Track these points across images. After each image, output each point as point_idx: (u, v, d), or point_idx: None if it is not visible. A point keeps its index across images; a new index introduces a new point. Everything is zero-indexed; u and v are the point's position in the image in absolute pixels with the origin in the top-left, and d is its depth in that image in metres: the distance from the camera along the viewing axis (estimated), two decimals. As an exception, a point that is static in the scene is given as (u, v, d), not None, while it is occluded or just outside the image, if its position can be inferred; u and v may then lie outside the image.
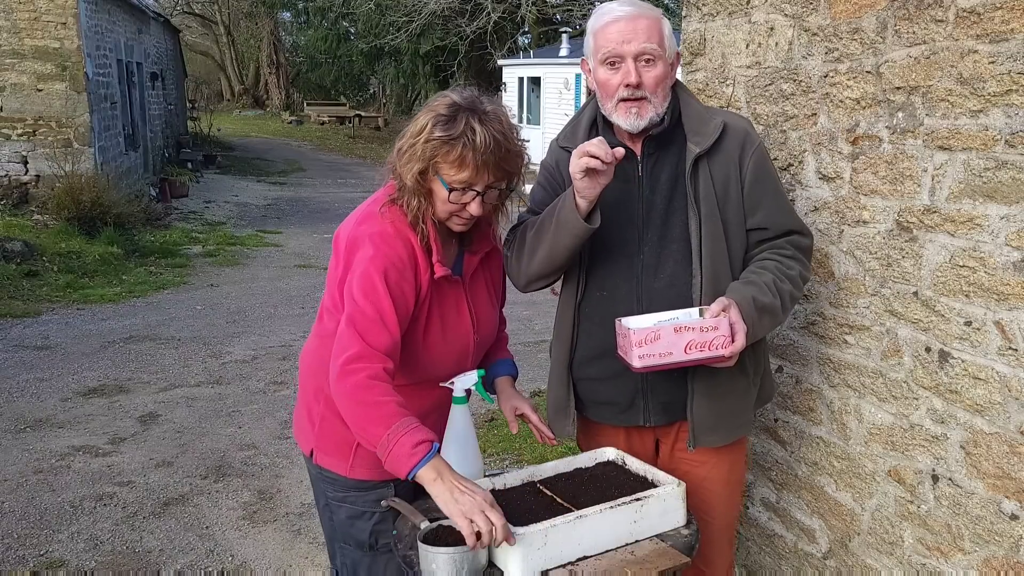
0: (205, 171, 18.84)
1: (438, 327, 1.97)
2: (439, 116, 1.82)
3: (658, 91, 1.95)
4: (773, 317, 1.96)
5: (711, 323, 1.82)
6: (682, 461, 2.13)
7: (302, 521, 3.95)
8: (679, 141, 2.02)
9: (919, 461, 2.19)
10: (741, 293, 1.90)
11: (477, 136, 1.80)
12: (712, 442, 2.07)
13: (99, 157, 11.36)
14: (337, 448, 2.05)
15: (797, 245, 2.06)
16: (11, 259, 8.88)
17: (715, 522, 2.16)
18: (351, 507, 2.08)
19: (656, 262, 2.02)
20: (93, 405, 5.52)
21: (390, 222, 1.91)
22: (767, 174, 2.05)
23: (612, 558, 1.68)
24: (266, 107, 35.75)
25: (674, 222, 2.01)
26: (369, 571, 2.10)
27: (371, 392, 1.73)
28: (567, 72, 19.27)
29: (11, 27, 10.76)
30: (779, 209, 2.06)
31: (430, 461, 1.67)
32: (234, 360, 6.58)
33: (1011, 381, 1.92)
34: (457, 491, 1.63)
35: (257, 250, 11.52)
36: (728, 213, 2.00)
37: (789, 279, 1.99)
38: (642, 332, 1.79)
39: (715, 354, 1.83)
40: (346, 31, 30.94)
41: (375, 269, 1.83)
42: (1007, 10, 1.84)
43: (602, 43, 1.96)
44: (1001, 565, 1.99)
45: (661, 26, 1.96)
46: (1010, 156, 1.87)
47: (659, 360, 1.80)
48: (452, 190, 1.85)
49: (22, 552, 3.66)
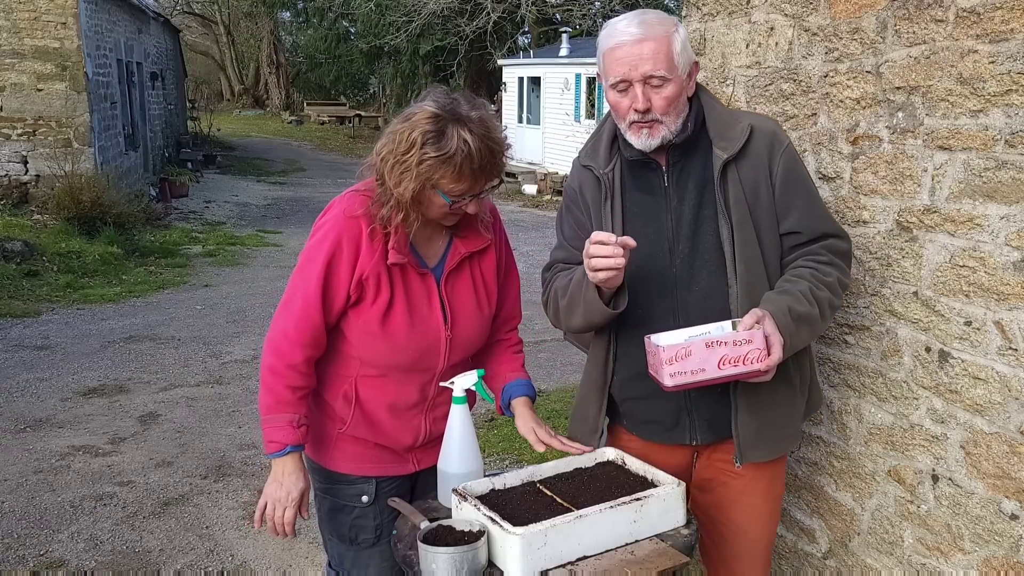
0: (205, 171, 18.83)
1: (403, 315, 1.97)
2: (427, 133, 1.80)
3: (670, 111, 1.89)
4: (812, 326, 1.87)
5: (744, 336, 1.74)
6: (721, 472, 2.06)
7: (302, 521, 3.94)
8: (704, 147, 1.95)
9: (919, 461, 2.19)
10: (776, 303, 1.82)
11: (471, 148, 1.80)
12: (759, 457, 1.99)
13: (99, 157, 11.36)
14: (318, 440, 2.11)
15: (833, 249, 1.97)
16: (11, 259, 8.88)
17: (749, 536, 2.09)
18: (333, 500, 2.14)
19: (689, 274, 1.95)
20: (93, 405, 5.52)
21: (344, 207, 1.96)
22: (798, 176, 1.97)
23: (612, 558, 1.68)
24: (266, 107, 35.76)
25: (705, 231, 1.94)
26: (353, 564, 2.14)
27: (276, 378, 1.96)
28: (567, 72, 19.25)
29: (11, 27, 10.76)
30: (812, 212, 1.97)
31: (278, 457, 1.97)
32: (234, 360, 6.58)
33: (1011, 381, 1.92)
34: (277, 482, 1.97)
35: (257, 250, 11.52)
36: (760, 219, 1.92)
37: (827, 286, 1.90)
38: (672, 349, 1.72)
39: (750, 369, 1.74)
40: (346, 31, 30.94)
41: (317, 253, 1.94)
42: (1007, 10, 1.84)
43: (609, 67, 1.91)
44: (1001, 565, 1.99)
45: (670, 45, 1.87)
46: (1010, 156, 1.87)
47: (691, 378, 1.72)
48: (453, 202, 1.87)
49: (22, 552, 3.66)
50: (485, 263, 2.10)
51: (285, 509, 1.98)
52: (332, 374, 2.06)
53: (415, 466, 2.13)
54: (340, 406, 2.06)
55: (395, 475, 2.12)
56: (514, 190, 18.49)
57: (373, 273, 1.93)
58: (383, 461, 2.10)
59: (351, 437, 2.07)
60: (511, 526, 1.62)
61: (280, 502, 1.97)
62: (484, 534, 1.66)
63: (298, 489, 1.98)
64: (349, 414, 2.05)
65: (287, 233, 12.62)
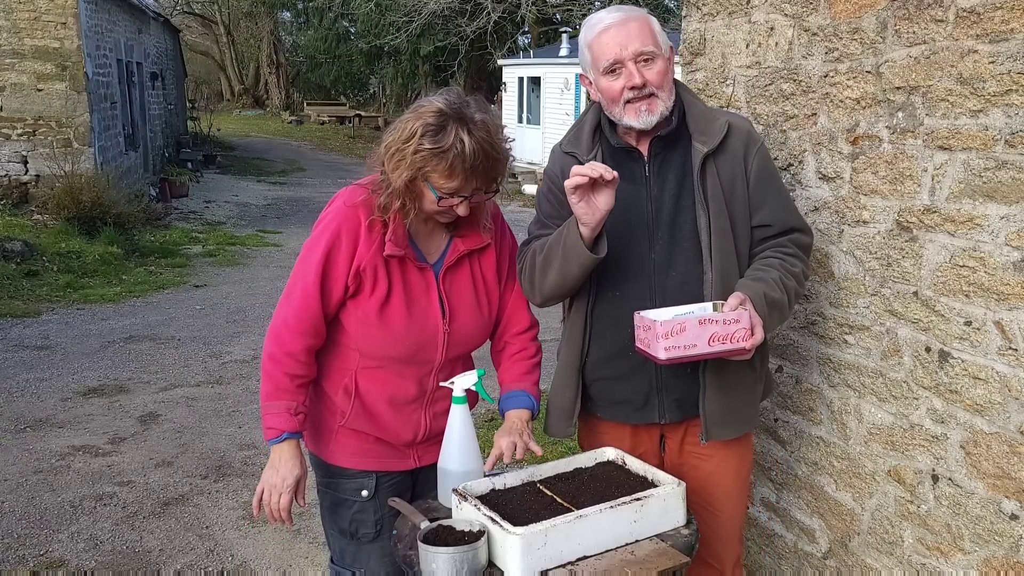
0: (205, 171, 18.84)
1: (401, 307, 2.00)
2: (428, 126, 1.85)
3: (664, 85, 1.99)
4: (781, 313, 1.99)
5: (733, 316, 1.83)
6: (691, 455, 2.16)
7: (302, 521, 3.95)
8: (684, 140, 2.06)
9: (919, 461, 2.19)
10: (752, 288, 1.93)
11: (466, 147, 1.84)
12: (724, 435, 2.10)
13: (99, 157, 11.36)
14: (318, 432, 2.14)
15: (798, 243, 2.10)
16: (11, 259, 8.88)
17: (723, 516, 2.17)
18: (333, 494, 2.15)
19: (668, 260, 2.04)
20: (93, 405, 5.52)
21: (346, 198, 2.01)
22: (770, 172, 2.10)
23: (612, 558, 1.68)
24: (266, 107, 35.75)
25: (683, 220, 2.04)
26: (354, 558, 2.15)
27: (275, 366, 1.99)
28: (567, 72, 19.24)
29: (11, 27, 10.76)
30: (782, 207, 2.10)
31: (275, 444, 1.99)
32: (234, 360, 6.58)
33: (1011, 381, 1.92)
34: (274, 468, 1.99)
35: (257, 250, 11.52)
36: (735, 210, 2.03)
37: (793, 276, 2.03)
38: (668, 324, 1.79)
39: (736, 347, 1.84)
40: (346, 31, 30.94)
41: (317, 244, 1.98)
42: (1007, 10, 1.84)
43: (599, 53, 1.99)
44: (1001, 565, 1.99)
45: (651, 24, 2.01)
46: (1010, 156, 1.87)
47: (683, 352, 1.80)
48: (441, 197, 1.90)
49: (22, 552, 3.66)
50: (485, 262, 2.12)
51: (281, 495, 1.99)
52: (333, 367, 2.08)
53: (416, 462, 2.14)
54: (340, 399, 2.08)
55: (396, 470, 2.13)
56: (514, 190, 18.49)
57: (371, 264, 1.97)
58: (383, 456, 2.11)
59: (351, 430, 2.09)
60: (511, 526, 1.63)
61: (276, 488, 1.99)
62: (484, 534, 1.66)
63: (293, 475, 1.99)
64: (349, 406, 2.07)
65: (287, 233, 12.63)
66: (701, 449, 2.13)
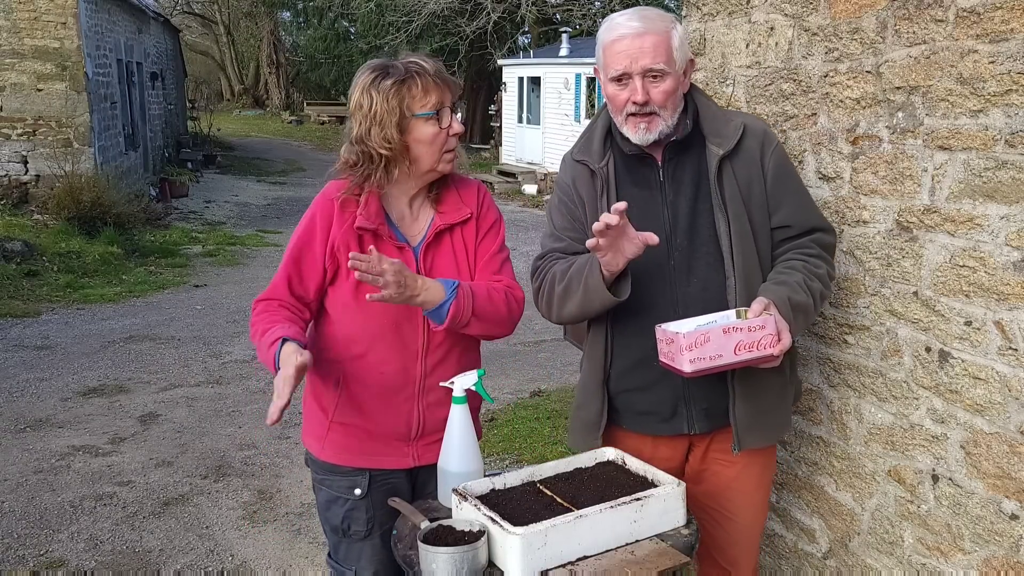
0: (205, 171, 18.84)
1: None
2: (376, 75, 1.95)
3: (667, 105, 1.94)
4: (807, 316, 1.94)
5: (758, 322, 1.79)
6: (714, 461, 2.12)
7: (302, 521, 3.95)
8: (698, 143, 2.01)
9: (919, 461, 2.19)
10: (776, 293, 1.88)
11: (419, 63, 1.96)
12: (756, 443, 2.05)
13: (99, 157, 11.36)
14: (312, 428, 2.15)
15: (821, 243, 2.05)
16: (11, 259, 8.88)
17: (740, 523, 2.14)
18: (327, 491, 2.15)
19: (688, 266, 2.00)
20: (93, 405, 5.53)
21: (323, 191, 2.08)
22: (788, 172, 2.05)
23: (612, 558, 1.68)
24: (266, 107, 35.76)
25: (701, 224, 1.99)
26: (346, 555, 2.16)
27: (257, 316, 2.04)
28: (567, 72, 19.23)
29: (11, 27, 10.76)
30: (802, 206, 2.05)
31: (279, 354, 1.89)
32: (234, 360, 6.58)
33: (1011, 381, 1.92)
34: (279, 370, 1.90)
35: (257, 250, 11.53)
36: (754, 213, 1.99)
37: (818, 277, 1.97)
38: (692, 336, 1.74)
39: (764, 354, 1.79)
40: (345, 31, 30.93)
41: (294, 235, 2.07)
42: (1007, 10, 1.84)
43: (610, 60, 1.95)
44: (1001, 565, 1.99)
45: (670, 39, 1.93)
46: (1010, 156, 1.87)
47: (710, 363, 1.76)
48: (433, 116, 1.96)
49: (22, 552, 3.66)
50: (467, 235, 2.11)
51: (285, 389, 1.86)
52: (324, 361, 2.09)
53: (415, 460, 2.12)
54: (330, 392, 2.10)
55: (391, 468, 2.12)
56: (514, 190, 18.50)
57: (343, 243, 2.00)
58: (376, 453, 2.10)
59: (341, 425, 2.09)
60: (511, 526, 1.63)
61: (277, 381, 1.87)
62: (484, 534, 1.66)
63: (291, 363, 1.86)
64: (337, 397, 2.08)
65: (287, 233, 12.49)
66: (724, 455, 2.09)
